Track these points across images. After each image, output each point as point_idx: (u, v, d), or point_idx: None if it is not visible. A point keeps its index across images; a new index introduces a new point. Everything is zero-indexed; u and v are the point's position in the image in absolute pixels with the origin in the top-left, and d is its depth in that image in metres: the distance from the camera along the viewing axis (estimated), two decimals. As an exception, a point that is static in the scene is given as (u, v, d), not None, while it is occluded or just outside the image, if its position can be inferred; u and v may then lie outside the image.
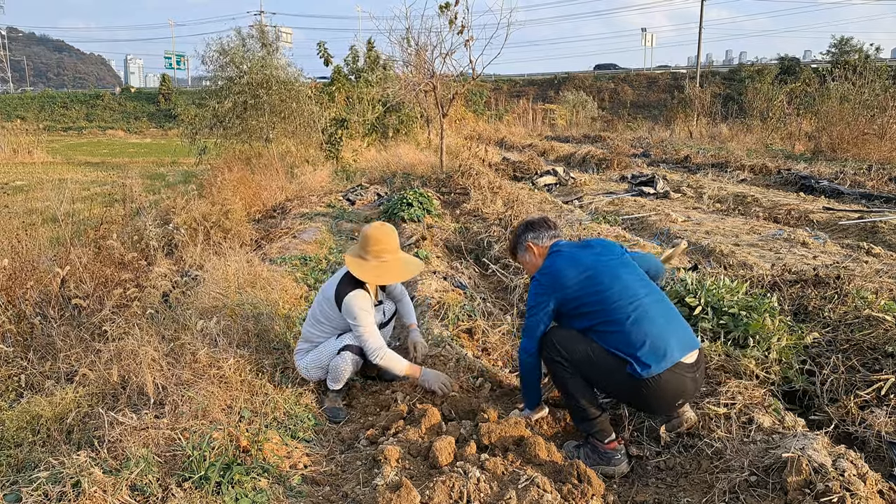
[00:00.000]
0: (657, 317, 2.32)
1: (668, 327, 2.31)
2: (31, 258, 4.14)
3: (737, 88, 31.00)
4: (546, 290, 2.46)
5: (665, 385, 2.26)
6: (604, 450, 2.44)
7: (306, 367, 3.06)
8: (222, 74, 13.78)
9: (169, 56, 68.30)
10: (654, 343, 2.25)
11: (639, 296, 2.35)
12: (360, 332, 2.87)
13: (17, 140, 20.54)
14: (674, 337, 2.29)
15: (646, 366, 2.23)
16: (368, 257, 2.95)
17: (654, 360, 2.23)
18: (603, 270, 2.42)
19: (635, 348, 2.25)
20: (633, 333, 2.27)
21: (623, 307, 2.32)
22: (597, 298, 2.36)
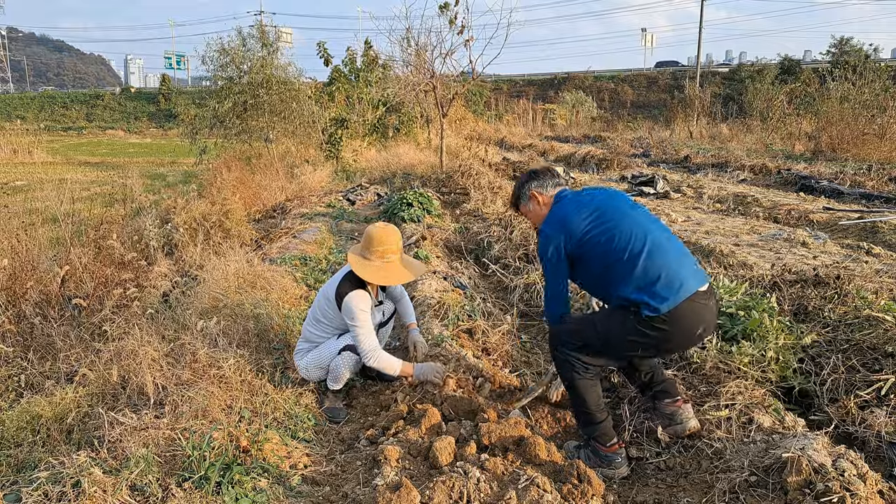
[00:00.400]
0: (670, 249, 2.29)
1: (682, 259, 2.29)
2: (31, 258, 4.14)
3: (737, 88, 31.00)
4: (555, 238, 2.39)
5: (684, 315, 2.21)
6: (605, 453, 2.43)
7: (306, 367, 3.06)
8: (222, 74, 13.79)
9: (169, 56, 68.34)
10: (668, 276, 2.21)
11: (650, 230, 2.31)
12: (356, 332, 2.88)
13: (17, 140, 20.54)
14: (686, 268, 2.27)
15: (664, 299, 2.19)
16: (372, 257, 2.95)
17: (671, 292, 2.19)
18: (611, 209, 2.38)
19: (652, 282, 2.21)
20: (649, 268, 2.22)
21: (635, 242, 2.27)
22: (608, 237, 2.30)
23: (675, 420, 2.50)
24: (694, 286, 2.24)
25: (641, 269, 2.23)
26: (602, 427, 2.43)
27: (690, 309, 2.22)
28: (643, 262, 2.23)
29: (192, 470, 2.13)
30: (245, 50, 13.74)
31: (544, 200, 2.59)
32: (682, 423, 2.48)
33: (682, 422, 2.48)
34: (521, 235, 5.72)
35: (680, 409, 2.50)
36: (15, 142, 20.30)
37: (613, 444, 2.44)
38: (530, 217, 2.70)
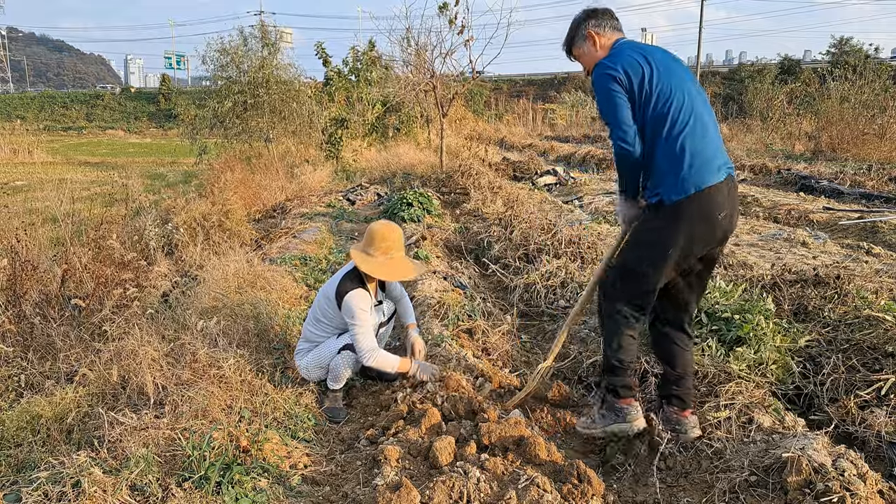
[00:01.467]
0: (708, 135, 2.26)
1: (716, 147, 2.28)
2: (31, 258, 4.14)
3: (737, 88, 30.98)
4: (613, 79, 2.26)
5: (711, 197, 2.21)
6: (619, 405, 2.45)
7: (306, 367, 3.06)
8: (222, 74, 13.78)
9: (169, 56, 68.34)
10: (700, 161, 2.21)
11: (697, 110, 2.27)
12: (355, 331, 2.89)
13: (17, 140, 20.55)
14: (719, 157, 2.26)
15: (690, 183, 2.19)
16: (375, 254, 2.96)
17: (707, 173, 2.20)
18: (669, 71, 2.30)
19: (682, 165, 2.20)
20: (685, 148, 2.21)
21: (683, 116, 2.23)
22: (663, 99, 2.24)
23: (678, 428, 2.48)
24: (723, 175, 2.23)
25: (679, 147, 2.21)
26: (626, 379, 2.46)
27: (711, 195, 2.21)
28: (681, 141, 2.21)
29: (192, 470, 2.13)
30: (246, 50, 13.75)
31: (602, 43, 2.44)
32: (685, 433, 2.46)
33: (685, 431, 2.46)
34: (521, 235, 5.72)
35: (685, 418, 2.47)
36: (15, 142, 20.31)
37: (629, 398, 2.45)
38: (584, 61, 2.53)
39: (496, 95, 42.24)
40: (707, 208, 2.22)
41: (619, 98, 2.27)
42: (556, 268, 4.67)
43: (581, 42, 2.49)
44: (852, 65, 17.07)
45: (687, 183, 2.20)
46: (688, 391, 2.51)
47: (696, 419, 2.50)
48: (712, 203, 2.22)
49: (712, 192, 2.21)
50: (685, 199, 2.21)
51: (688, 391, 2.51)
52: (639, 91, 2.26)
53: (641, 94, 2.25)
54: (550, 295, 4.39)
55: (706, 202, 2.21)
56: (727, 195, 2.25)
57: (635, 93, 2.26)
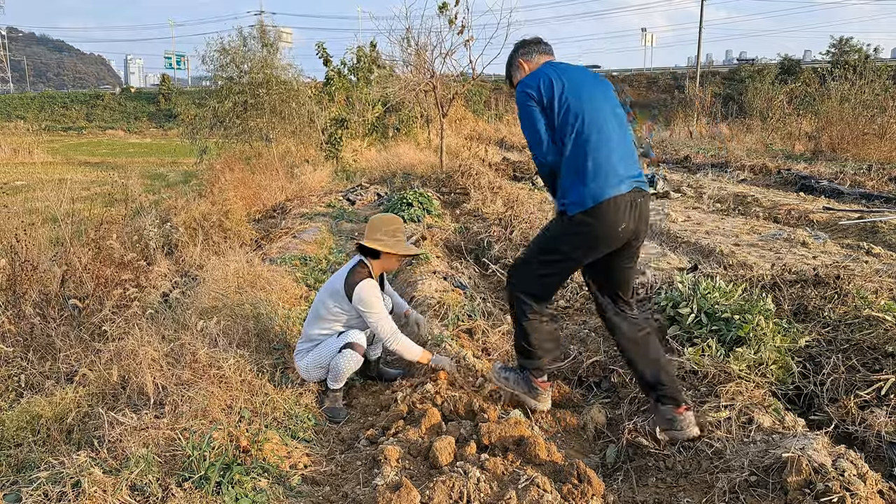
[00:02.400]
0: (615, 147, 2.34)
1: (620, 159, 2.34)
2: (31, 258, 4.14)
3: (737, 88, 30.99)
4: (529, 93, 2.42)
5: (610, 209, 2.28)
6: (534, 384, 2.66)
7: (306, 367, 3.06)
8: (222, 74, 13.79)
9: (169, 56, 68.30)
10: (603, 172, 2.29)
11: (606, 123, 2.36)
12: (374, 318, 2.93)
13: (17, 140, 20.55)
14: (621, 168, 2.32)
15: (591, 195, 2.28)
16: (384, 237, 3.03)
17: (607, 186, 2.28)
18: (580, 86, 2.41)
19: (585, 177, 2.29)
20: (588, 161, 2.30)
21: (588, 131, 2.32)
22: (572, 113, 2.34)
23: (674, 426, 2.46)
24: (622, 189, 2.30)
25: (581, 160, 2.31)
26: (538, 363, 2.63)
27: (609, 207, 2.28)
28: (583, 155, 2.30)
29: (192, 470, 2.13)
30: (246, 50, 13.75)
31: (530, 68, 2.61)
32: (682, 430, 2.44)
33: (681, 429, 2.44)
34: (521, 235, 5.72)
35: (681, 415, 2.44)
36: (15, 142, 20.31)
37: (545, 382, 2.66)
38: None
39: (496, 95, 42.21)
40: (606, 220, 2.30)
41: (534, 113, 2.42)
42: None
43: (515, 71, 2.67)
44: (852, 65, 17.07)
45: (586, 196, 2.29)
46: (675, 387, 2.51)
47: (692, 416, 2.47)
48: (611, 215, 2.29)
49: (611, 205, 2.28)
50: (584, 212, 2.30)
51: (675, 387, 2.51)
52: (549, 105, 2.39)
53: (552, 108, 2.38)
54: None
55: (605, 214, 2.29)
56: (629, 207, 2.31)
57: (547, 107, 2.39)
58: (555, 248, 2.45)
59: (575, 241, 2.38)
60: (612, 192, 2.28)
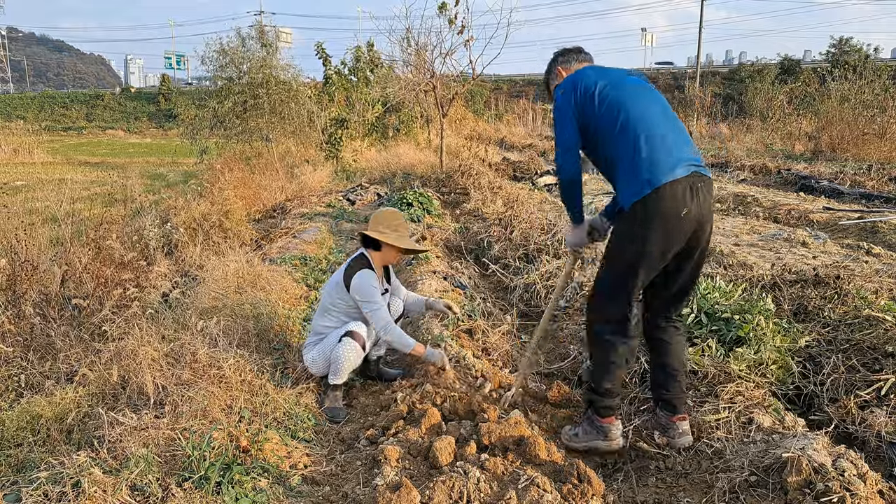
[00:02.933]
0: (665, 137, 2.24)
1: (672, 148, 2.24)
2: (31, 258, 4.13)
3: (737, 88, 30.98)
4: (566, 100, 2.37)
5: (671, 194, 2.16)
6: (600, 423, 2.46)
7: (313, 360, 3.10)
8: (222, 75, 13.78)
9: (169, 56, 68.28)
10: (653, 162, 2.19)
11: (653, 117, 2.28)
12: (369, 308, 2.94)
13: (17, 140, 20.54)
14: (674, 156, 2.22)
15: (644, 183, 2.18)
16: (387, 230, 3.05)
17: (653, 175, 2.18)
18: (620, 84, 2.35)
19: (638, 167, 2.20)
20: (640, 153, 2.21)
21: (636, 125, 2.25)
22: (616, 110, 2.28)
23: (668, 433, 2.49)
24: (678, 173, 2.18)
25: (633, 153, 2.22)
26: (607, 402, 2.44)
27: (666, 192, 2.16)
28: (633, 148, 2.22)
29: (192, 470, 2.13)
30: (245, 50, 13.74)
31: (567, 75, 2.57)
32: (675, 438, 2.47)
33: (674, 436, 2.47)
34: (521, 235, 5.72)
35: (675, 423, 2.47)
36: (15, 142, 20.30)
37: (610, 417, 2.46)
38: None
39: (496, 95, 42.22)
40: (665, 206, 2.17)
41: (567, 115, 2.36)
42: (556, 268, 4.67)
43: (553, 79, 2.66)
44: (852, 65, 17.07)
45: (641, 185, 2.20)
46: (678, 396, 2.49)
47: (687, 426, 2.48)
48: (668, 200, 2.17)
49: (667, 190, 2.17)
50: (640, 201, 2.20)
51: (678, 396, 2.49)
52: (590, 100, 2.32)
53: (593, 102, 2.32)
54: (550, 295, 4.39)
55: (662, 200, 2.17)
56: (688, 191, 2.19)
57: (587, 103, 2.33)
58: (622, 252, 2.30)
59: (641, 236, 2.22)
60: (667, 177, 2.17)
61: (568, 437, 2.59)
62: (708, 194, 2.26)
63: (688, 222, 2.20)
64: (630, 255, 2.27)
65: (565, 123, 2.38)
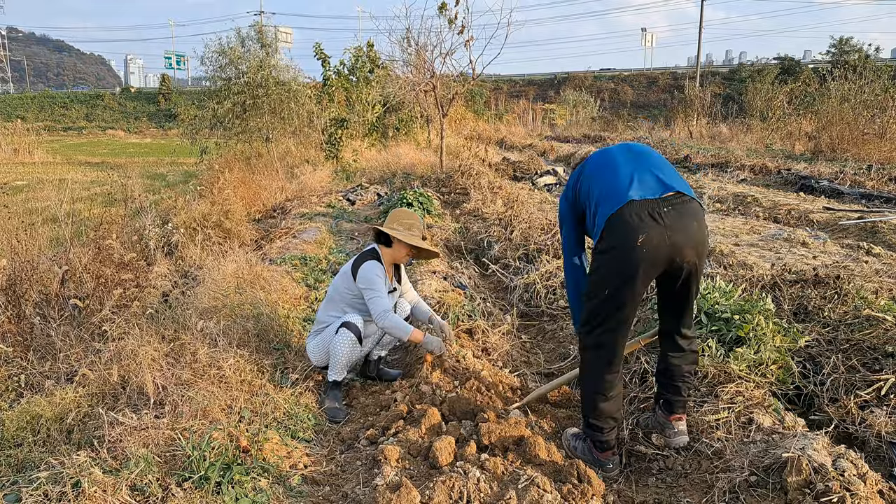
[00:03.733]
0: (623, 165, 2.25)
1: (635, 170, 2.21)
2: (31, 258, 4.14)
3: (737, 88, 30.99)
4: (566, 193, 2.52)
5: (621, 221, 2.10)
6: (597, 457, 2.43)
7: (314, 349, 3.15)
8: (221, 75, 13.77)
9: (169, 56, 68.22)
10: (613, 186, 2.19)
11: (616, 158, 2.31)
12: (370, 296, 2.98)
13: (17, 140, 20.53)
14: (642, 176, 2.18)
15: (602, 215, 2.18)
16: (400, 227, 3.10)
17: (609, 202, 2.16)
18: (608, 153, 2.39)
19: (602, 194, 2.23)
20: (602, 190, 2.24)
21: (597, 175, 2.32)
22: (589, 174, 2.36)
23: (664, 432, 2.51)
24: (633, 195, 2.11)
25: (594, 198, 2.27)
26: (600, 437, 2.40)
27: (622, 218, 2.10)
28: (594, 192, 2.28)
29: (192, 470, 2.13)
30: (244, 51, 13.73)
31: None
32: (670, 437, 2.48)
33: (670, 436, 2.48)
34: (521, 235, 5.72)
35: (671, 422, 2.48)
36: (15, 142, 20.29)
37: (608, 452, 2.42)
38: None
39: (496, 95, 42.26)
40: (615, 235, 2.12)
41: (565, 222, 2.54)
42: (556, 268, 4.67)
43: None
44: (852, 65, 17.07)
45: (595, 224, 2.23)
46: (679, 399, 2.48)
47: (683, 426, 2.48)
48: (618, 229, 2.11)
49: (615, 218, 2.12)
50: (600, 235, 2.19)
51: (679, 399, 2.48)
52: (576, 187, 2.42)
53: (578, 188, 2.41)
54: (550, 295, 4.39)
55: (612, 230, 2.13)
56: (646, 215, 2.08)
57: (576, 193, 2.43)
58: (596, 287, 2.25)
59: (598, 273, 2.21)
60: (618, 205, 2.12)
61: (569, 444, 2.56)
62: (684, 213, 2.13)
63: (651, 249, 2.08)
64: (594, 289, 2.27)
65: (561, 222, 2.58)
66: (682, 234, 2.12)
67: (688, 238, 2.13)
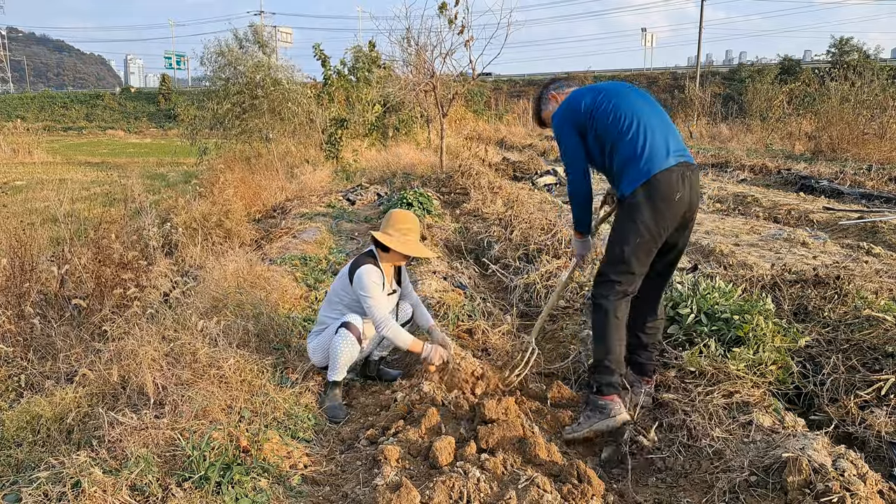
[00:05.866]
0: (657, 129, 2.52)
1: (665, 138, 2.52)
2: (31, 258, 4.13)
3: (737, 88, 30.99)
4: (565, 119, 2.64)
5: (666, 180, 2.44)
6: (602, 402, 2.55)
7: (314, 349, 3.14)
8: (220, 76, 13.78)
9: (169, 56, 68.22)
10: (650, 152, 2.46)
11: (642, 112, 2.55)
12: (368, 303, 2.95)
13: (17, 140, 20.53)
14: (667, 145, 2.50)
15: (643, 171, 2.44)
16: (394, 233, 3.06)
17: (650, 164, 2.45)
18: (613, 91, 2.62)
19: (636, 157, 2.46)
20: (636, 144, 2.48)
21: (629, 121, 2.51)
22: (612, 115, 2.53)
23: (633, 389, 2.77)
24: (673, 161, 2.47)
25: (629, 149, 2.49)
26: (607, 378, 2.56)
27: (670, 177, 2.45)
28: (629, 144, 2.49)
29: (192, 470, 2.13)
30: (243, 52, 13.74)
31: (561, 98, 2.81)
32: (638, 396, 2.75)
33: (638, 394, 2.75)
34: (521, 235, 5.72)
35: (640, 383, 2.79)
36: (15, 142, 20.29)
37: (611, 395, 2.57)
38: (549, 119, 2.87)
39: (496, 95, 42.23)
40: (660, 191, 2.45)
41: (569, 135, 2.65)
42: (556, 268, 4.67)
43: (545, 105, 2.92)
44: (852, 65, 17.07)
45: (639, 174, 2.47)
46: (648, 363, 2.81)
47: (651, 388, 2.80)
48: (665, 185, 2.45)
49: (661, 177, 2.44)
50: (639, 188, 2.46)
51: (648, 363, 2.81)
52: (590, 114, 2.59)
53: (593, 115, 2.58)
54: (550, 295, 4.39)
55: (659, 185, 2.45)
56: (680, 178, 2.47)
57: (588, 118, 2.60)
58: (625, 235, 2.53)
59: (641, 217, 2.48)
60: (660, 166, 2.45)
61: (570, 431, 2.64)
62: (695, 180, 2.58)
63: (680, 205, 2.50)
64: (634, 234, 2.51)
65: (574, 147, 2.65)
66: (696, 196, 2.60)
67: (698, 199, 2.63)
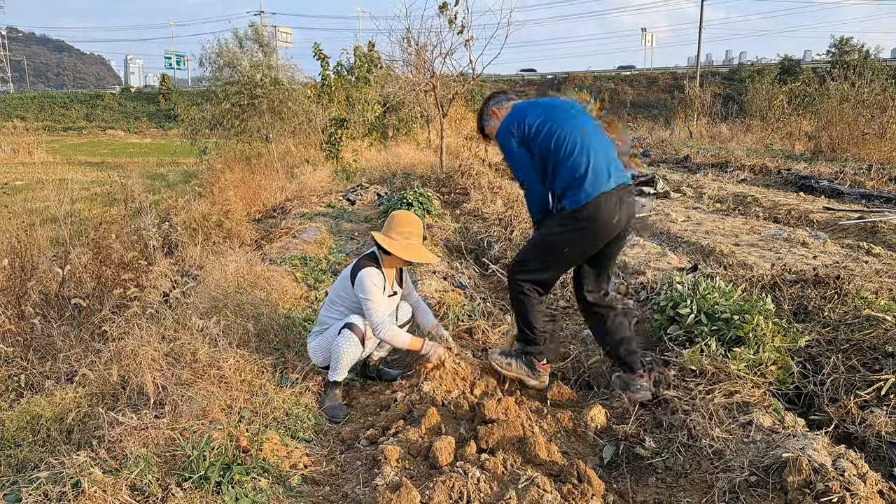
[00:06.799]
0: (598, 150, 2.67)
1: (606, 158, 2.67)
2: (31, 258, 4.14)
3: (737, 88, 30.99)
4: (510, 135, 2.75)
5: (606, 205, 2.59)
6: (537, 367, 2.89)
7: (314, 349, 3.13)
8: (219, 76, 13.77)
9: (169, 56, 68.23)
10: (593, 171, 2.60)
11: (584, 132, 2.68)
12: (367, 305, 2.95)
13: (17, 140, 20.55)
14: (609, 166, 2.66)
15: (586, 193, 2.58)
16: (395, 236, 3.05)
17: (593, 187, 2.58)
18: (557, 110, 2.76)
19: (579, 178, 2.59)
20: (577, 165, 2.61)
21: (572, 141, 2.63)
22: (555, 135, 2.65)
23: (629, 388, 2.81)
24: (612, 185, 2.62)
25: (572, 167, 2.61)
26: (541, 348, 2.89)
27: (607, 201, 2.60)
28: (572, 163, 2.60)
29: (192, 470, 2.13)
30: (243, 51, 13.72)
31: (502, 114, 2.92)
32: (635, 393, 2.78)
33: (634, 391, 2.78)
34: (521, 235, 5.72)
35: (635, 380, 2.81)
36: (15, 142, 20.31)
37: (546, 364, 2.92)
38: (493, 134, 2.97)
39: (496, 95, 42.12)
40: (599, 216, 2.60)
41: (516, 149, 2.75)
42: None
43: (488, 120, 3.02)
44: (852, 65, 17.08)
45: (580, 196, 2.60)
46: (632, 356, 2.85)
47: (646, 382, 2.81)
48: (603, 211, 2.60)
49: (602, 201, 2.59)
50: (579, 209, 2.60)
51: (632, 356, 2.85)
52: (535, 133, 2.70)
53: (538, 134, 2.69)
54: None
55: (598, 210, 2.60)
56: (618, 202, 2.63)
57: (532, 136, 2.70)
58: (560, 239, 2.69)
59: (580, 230, 2.64)
60: (602, 189, 2.60)
61: (498, 361, 2.94)
62: (632, 202, 2.77)
63: (617, 226, 2.69)
64: (567, 242, 2.70)
65: (518, 156, 2.76)
66: (631, 214, 2.78)
67: (630, 217, 2.78)
